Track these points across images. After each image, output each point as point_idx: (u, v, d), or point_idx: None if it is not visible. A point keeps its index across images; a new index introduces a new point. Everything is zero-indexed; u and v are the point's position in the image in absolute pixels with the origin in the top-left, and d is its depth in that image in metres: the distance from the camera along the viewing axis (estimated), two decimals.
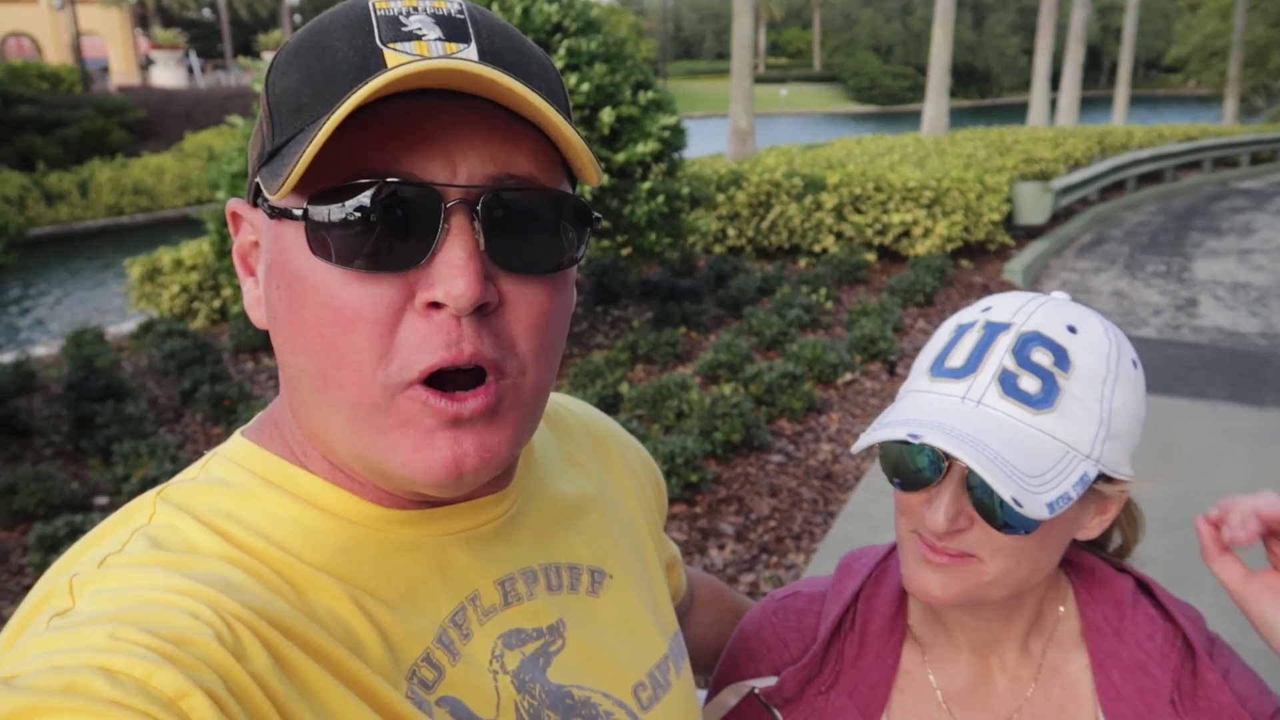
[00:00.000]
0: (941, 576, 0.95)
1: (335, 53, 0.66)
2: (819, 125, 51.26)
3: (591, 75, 6.79)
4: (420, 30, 0.67)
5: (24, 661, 0.56)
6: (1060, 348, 0.93)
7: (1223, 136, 20.85)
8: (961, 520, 0.92)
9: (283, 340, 0.71)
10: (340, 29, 0.67)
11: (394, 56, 0.65)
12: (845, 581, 1.15)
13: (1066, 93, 24.52)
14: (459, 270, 0.64)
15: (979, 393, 0.92)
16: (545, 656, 0.81)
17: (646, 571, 0.98)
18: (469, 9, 0.70)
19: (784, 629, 1.16)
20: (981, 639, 1.05)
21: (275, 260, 0.70)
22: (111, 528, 0.71)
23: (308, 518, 0.73)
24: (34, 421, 6.75)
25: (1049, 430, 0.90)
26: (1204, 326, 9.09)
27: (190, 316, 9.53)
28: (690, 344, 8.08)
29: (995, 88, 72.79)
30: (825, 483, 5.63)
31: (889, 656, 1.08)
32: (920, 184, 10.85)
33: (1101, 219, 14.81)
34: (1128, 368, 0.96)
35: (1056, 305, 0.97)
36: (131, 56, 40.31)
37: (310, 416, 0.72)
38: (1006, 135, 17.62)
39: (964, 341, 0.96)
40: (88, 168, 23.83)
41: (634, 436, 1.10)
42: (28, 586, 4.64)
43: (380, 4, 0.68)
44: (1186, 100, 63.05)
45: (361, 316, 0.66)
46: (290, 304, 0.69)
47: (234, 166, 6.54)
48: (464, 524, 0.79)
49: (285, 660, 0.63)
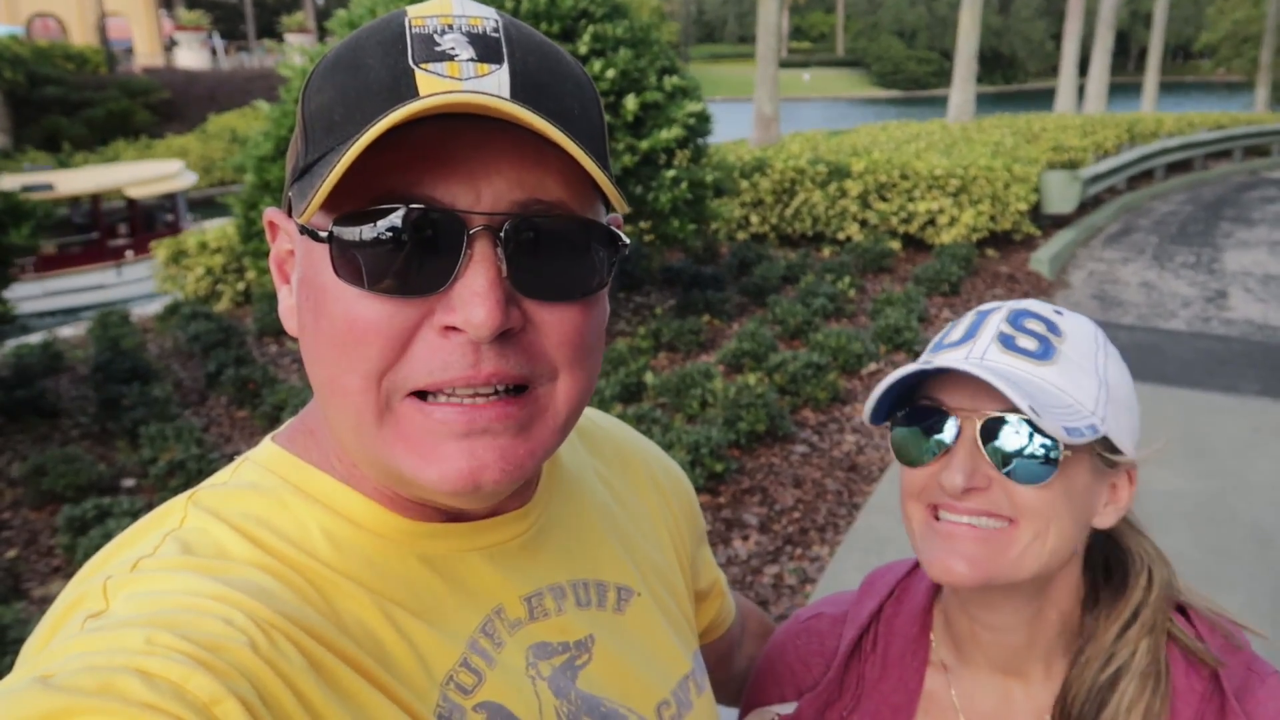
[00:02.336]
0: (968, 551, 0.93)
1: (368, 71, 0.66)
2: (842, 110, 50.89)
3: (617, 61, 6.73)
4: (453, 50, 0.66)
5: (60, 662, 0.57)
6: (1049, 321, 0.98)
7: (1254, 125, 20.52)
8: (979, 478, 0.92)
9: (308, 350, 0.72)
10: (375, 46, 0.68)
11: (425, 78, 0.65)
12: (864, 602, 1.14)
13: (1095, 79, 24.17)
14: (480, 298, 0.65)
15: (980, 351, 0.95)
16: (572, 669, 0.81)
17: (670, 590, 0.98)
18: (505, 26, 0.69)
19: (806, 651, 1.15)
20: (1004, 656, 1.03)
21: (305, 273, 0.71)
22: (143, 530, 0.72)
23: (336, 527, 0.74)
24: (61, 402, 6.81)
25: (1053, 381, 0.93)
26: (1234, 319, 8.96)
27: (215, 299, 9.59)
28: (713, 332, 8.04)
29: (1021, 73, 71.99)
30: (850, 474, 5.60)
31: (912, 679, 1.06)
32: (947, 172, 10.74)
33: (1129, 208, 14.62)
34: (1114, 351, 1.00)
35: (1039, 301, 1.02)
36: (156, 38, 40.46)
37: (331, 426, 0.74)
38: (1034, 123, 17.40)
39: (959, 325, 1.01)
40: (112, 148, 24.02)
41: (661, 445, 1.11)
42: (57, 568, 4.68)
43: (416, 20, 0.68)
44: (1215, 87, 62.17)
45: (376, 331, 0.66)
46: (315, 316, 0.70)
47: (260, 150, 6.54)
48: (489, 539, 0.80)
49: (320, 665, 0.64)
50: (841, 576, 4.48)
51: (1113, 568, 1.03)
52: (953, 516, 0.95)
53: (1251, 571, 4.43)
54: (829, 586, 4.40)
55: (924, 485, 0.97)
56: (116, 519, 4.57)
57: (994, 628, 1.02)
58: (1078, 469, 0.94)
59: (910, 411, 0.98)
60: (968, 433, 0.93)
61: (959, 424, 0.93)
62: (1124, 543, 1.03)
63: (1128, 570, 1.02)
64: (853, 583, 3.75)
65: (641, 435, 1.10)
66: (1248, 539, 4.71)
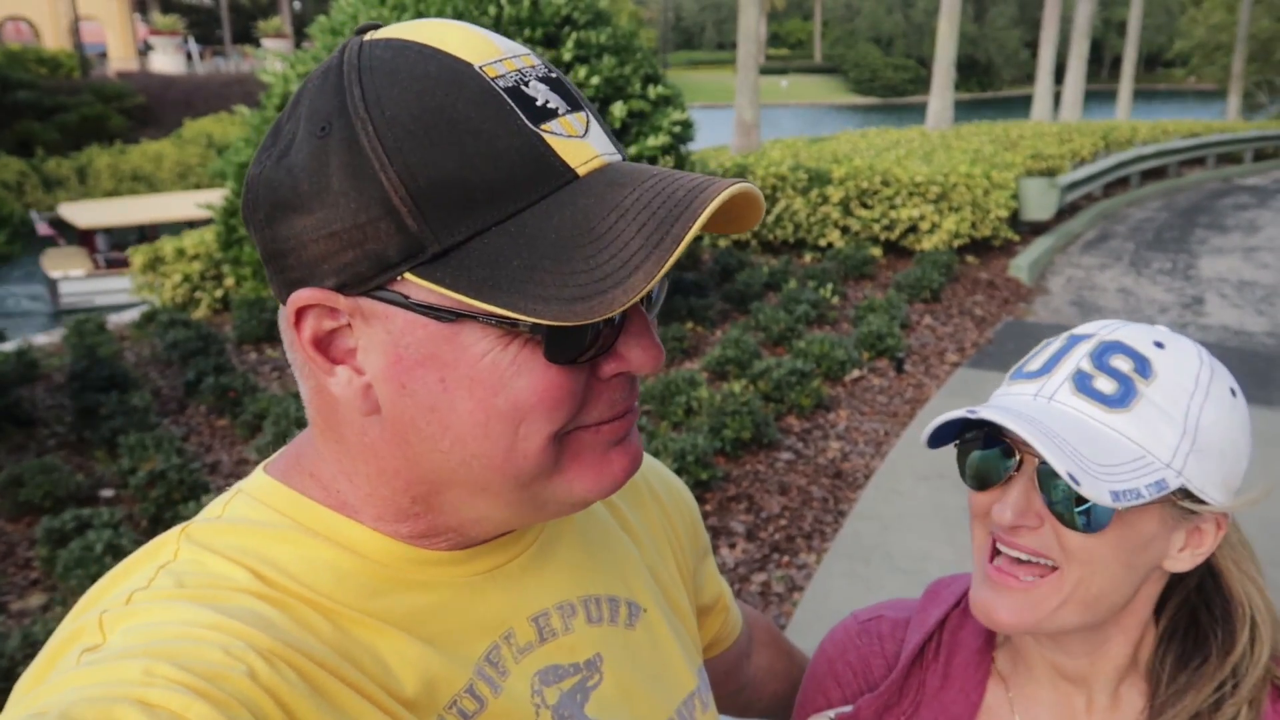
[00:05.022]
0: (1011, 601, 0.92)
1: (489, 139, 0.63)
2: (820, 117, 51.16)
3: (601, 68, 6.73)
4: (550, 104, 0.66)
5: (58, 696, 0.57)
6: (1143, 357, 0.91)
7: (1226, 132, 20.80)
8: (1030, 517, 0.90)
9: (417, 433, 0.69)
10: (467, 105, 0.63)
11: (559, 143, 0.65)
12: (930, 609, 1.12)
13: (1071, 87, 24.42)
14: (648, 342, 0.69)
15: (1051, 390, 0.92)
16: (583, 692, 0.81)
17: (674, 606, 0.98)
18: (540, 61, 0.70)
19: (868, 652, 1.14)
20: (1067, 676, 1.02)
21: (436, 356, 0.66)
22: (136, 564, 0.71)
23: (337, 559, 0.73)
24: (37, 411, 6.71)
25: (1121, 429, 0.88)
26: (1211, 325, 9.07)
27: (193, 306, 9.49)
28: (696, 339, 8.05)
29: (996, 80, 72.66)
30: (835, 481, 5.61)
31: (974, 691, 1.05)
32: (927, 179, 10.81)
33: (1106, 215, 14.77)
34: (1222, 390, 0.92)
35: (1148, 326, 0.96)
36: (130, 42, 40.09)
37: (471, 497, 0.72)
38: (1012, 130, 17.55)
39: (1045, 350, 0.97)
40: (86, 154, 23.77)
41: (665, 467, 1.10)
42: (35, 580, 4.61)
43: (489, 70, 0.65)
44: (1187, 95, 62.99)
45: (570, 393, 0.68)
46: (473, 401, 0.67)
47: (241, 157, 6.49)
48: (492, 561, 0.79)
49: (323, 690, 0.64)
50: (829, 584, 4.49)
51: (1212, 607, 0.99)
52: (1007, 550, 0.94)
53: None
54: (816, 594, 4.40)
55: (985, 510, 0.96)
56: (97, 530, 4.50)
57: (1056, 652, 1.01)
58: (1143, 519, 0.90)
59: (979, 436, 0.96)
60: (1026, 469, 0.92)
61: (1019, 459, 0.92)
62: (1227, 584, 0.98)
63: (1229, 615, 0.97)
64: (840, 590, 3.76)
65: None
66: None
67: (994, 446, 0.94)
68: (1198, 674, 0.95)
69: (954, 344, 8.21)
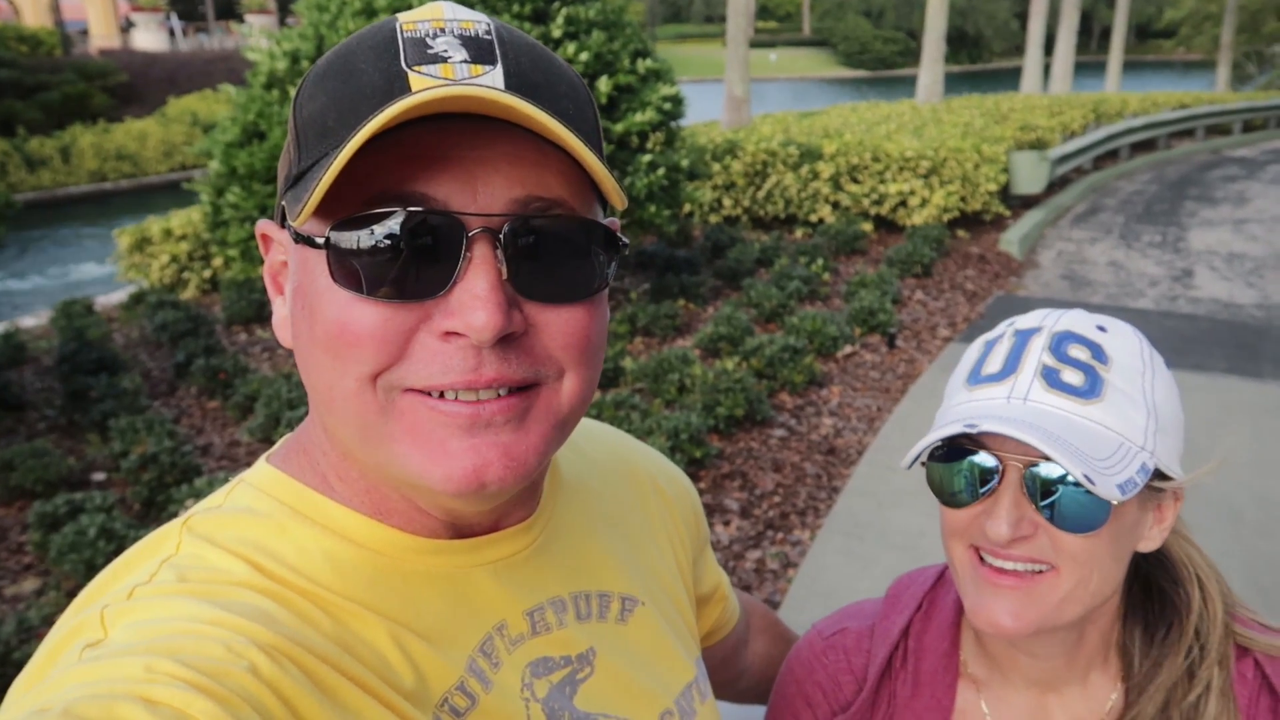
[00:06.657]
0: (1011, 603, 0.91)
1: (361, 76, 0.66)
2: (810, 90, 50.87)
3: (590, 44, 6.67)
4: (446, 52, 0.66)
5: (60, 693, 0.57)
6: (1095, 344, 0.92)
7: (1216, 104, 20.78)
8: (1025, 526, 0.89)
9: (303, 358, 0.71)
10: (367, 51, 0.67)
11: (418, 80, 0.64)
12: (893, 616, 1.11)
13: (1060, 59, 24.33)
14: (480, 302, 0.63)
15: (1024, 390, 0.90)
16: (572, 684, 0.81)
17: (672, 598, 0.98)
18: (497, 29, 0.69)
19: (836, 670, 1.12)
20: (1042, 676, 1.01)
21: (300, 283, 0.70)
22: (138, 557, 0.71)
23: (336, 549, 0.73)
24: (26, 395, 6.67)
25: (1100, 420, 0.88)
26: (1200, 298, 9.10)
27: (181, 287, 9.43)
28: (689, 316, 8.04)
29: (986, 53, 72.32)
30: (828, 457, 5.63)
31: (944, 696, 1.04)
32: (918, 153, 10.78)
33: (1096, 188, 14.77)
34: (1160, 363, 0.96)
35: (1080, 312, 0.97)
36: (111, 19, 39.52)
37: (333, 436, 0.73)
38: (1003, 103, 17.50)
39: (996, 350, 0.95)
40: (69, 133, 23.46)
41: (640, 431, 1.10)
42: (29, 565, 4.59)
43: (408, 25, 0.67)
44: (1176, 66, 62.84)
45: (372, 335, 0.65)
46: (310, 323, 0.69)
47: (227, 136, 6.41)
48: (492, 555, 0.79)
49: (324, 684, 0.64)
50: (823, 560, 4.51)
51: (1154, 575, 1.01)
52: (997, 561, 0.92)
53: (1223, 549, 4.50)
54: (811, 571, 4.42)
55: (966, 526, 0.93)
56: (89, 514, 4.48)
57: (1033, 654, 1.00)
58: (1127, 506, 0.91)
59: (950, 449, 0.93)
60: (1011, 479, 0.89)
61: (1003, 469, 0.89)
62: (1166, 549, 1.00)
63: (1176, 580, 0.99)
64: (835, 567, 3.77)
65: (642, 443, 1.09)
66: (1218, 516, 4.79)
67: (962, 458, 0.91)
68: (1165, 645, 0.97)
69: (945, 319, 8.22)
